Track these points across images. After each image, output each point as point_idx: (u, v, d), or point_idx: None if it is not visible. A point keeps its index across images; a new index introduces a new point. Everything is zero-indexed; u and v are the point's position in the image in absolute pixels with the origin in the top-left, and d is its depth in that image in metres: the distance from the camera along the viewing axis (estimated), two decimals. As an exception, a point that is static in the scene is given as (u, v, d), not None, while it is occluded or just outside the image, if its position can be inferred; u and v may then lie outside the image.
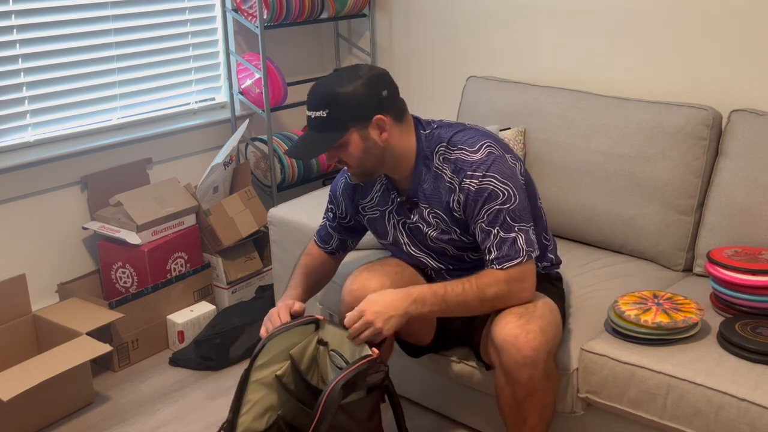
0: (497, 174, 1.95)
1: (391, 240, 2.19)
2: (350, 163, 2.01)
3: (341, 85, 1.93)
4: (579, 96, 2.77)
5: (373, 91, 1.95)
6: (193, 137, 3.38)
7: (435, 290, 1.96)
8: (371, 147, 1.98)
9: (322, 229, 2.33)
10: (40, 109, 2.96)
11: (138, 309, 2.95)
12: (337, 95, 1.92)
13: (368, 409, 1.93)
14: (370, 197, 2.17)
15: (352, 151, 1.97)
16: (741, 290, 2.14)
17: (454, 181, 1.99)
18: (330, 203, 2.29)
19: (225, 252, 3.23)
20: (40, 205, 2.96)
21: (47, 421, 2.61)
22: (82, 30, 3.01)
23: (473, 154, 1.98)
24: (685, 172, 2.51)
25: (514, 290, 1.96)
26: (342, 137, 1.95)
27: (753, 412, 1.85)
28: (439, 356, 2.32)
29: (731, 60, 2.64)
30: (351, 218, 2.25)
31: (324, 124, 1.94)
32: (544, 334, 1.94)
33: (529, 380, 1.94)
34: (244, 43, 3.47)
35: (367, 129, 1.96)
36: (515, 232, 1.95)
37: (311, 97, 1.97)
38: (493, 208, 1.94)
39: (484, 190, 1.95)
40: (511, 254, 1.94)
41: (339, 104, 1.92)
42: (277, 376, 2.02)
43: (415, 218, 2.10)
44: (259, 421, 2.03)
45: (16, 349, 2.74)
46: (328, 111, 1.93)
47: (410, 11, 3.50)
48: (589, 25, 2.95)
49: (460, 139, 2.02)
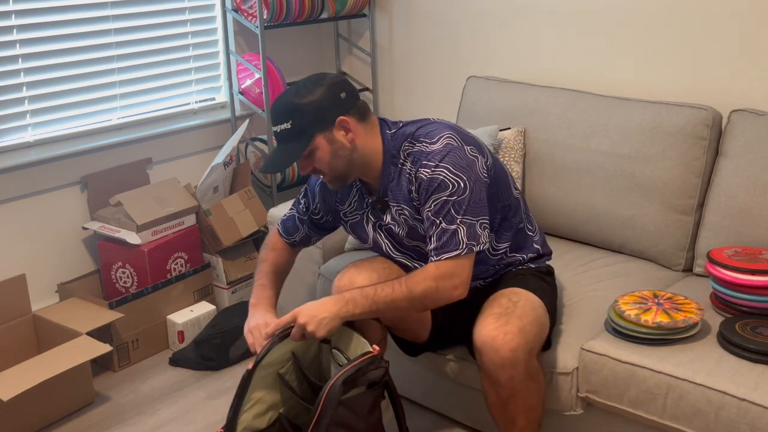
0: (450, 165, 1.95)
1: (371, 243, 2.20)
2: (323, 169, 2.02)
3: (299, 95, 1.96)
4: (579, 96, 2.77)
5: (332, 94, 1.98)
6: (193, 137, 3.39)
7: (366, 292, 1.97)
8: (338, 149, 2.00)
9: (289, 220, 2.31)
10: (40, 109, 2.96)
11: (138, 309, 2.95)
12: (297, 105, 1.95)
13: (369, 403, 1.94)
14: (348, 203, 2.19)
15: (321, 156, 1.99)
16: (741, 290, 2.14)
17: (412, 172, 2.01)
18: (303, 197, 2.29)
19: (225, 252, 3.23)
20: (40, 205, 2.96)
21: (47, 421, 2.61)
22: (82, 30, 3.01)
23: (431, 146, 1.99)
24: (685, 172, 2.51)
25: (443, 287, 1.94)
26: (309, 144, 1.97)
27: (753, 412, 1.85)
28: (437, 355, 2.32)
29: (731, 60, 2.64)
30: (323, 216, 2.25)
31: (290, 135, 1.97)
32: (523, 335, 1.93)
33: (510, 381, 1.94)
34: (244, 43, 3.47)
35: (332, 132, 1.99)
36: (457, 224, 1.94)
37: (273, 112, 1.99)
38: (441, 198, 1.95)
39: (434, 180, 1.95)
40: (449, 246, 1.94)
41: (300, 113, 1.95)
42: (280, 374, 2.03)
43: (387, 219, 2.12)
44: (261, 419, 2.03)
45: (16, 349, 2.74)
46: (291, 122, 1.95)
47: (410, 11, 3.50)
48: (589, 25, 2.95)
49: (422, 132, 2.03)
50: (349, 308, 1.95)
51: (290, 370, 2.04)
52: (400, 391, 2.56)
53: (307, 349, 2.07)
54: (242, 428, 1.99)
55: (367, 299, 1.96)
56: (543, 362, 2.11)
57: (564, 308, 2.32)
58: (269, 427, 2.05)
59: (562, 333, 2.20)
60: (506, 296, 2.04)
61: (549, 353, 2.14)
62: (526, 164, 2.79)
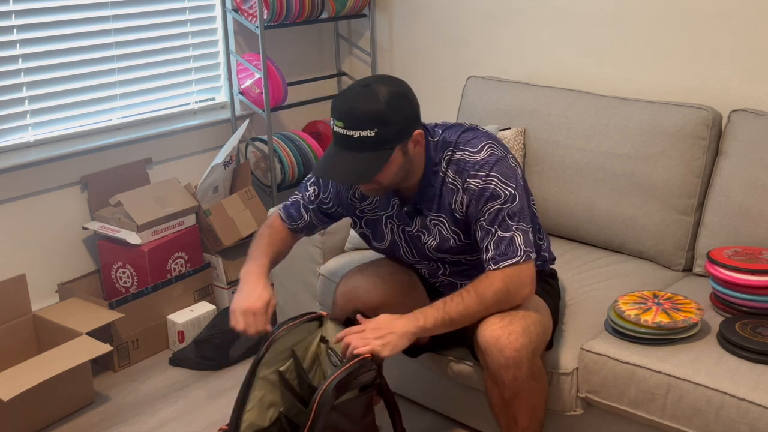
0: (499, 174, 1.95)
1: (387, 244, 2.17)
2: (383, 183, 1.94)
3: (386, 101, 1.86)
4: (579, 96, 2.77)
5: (413, 106, 1.93)
6: (193, 137, 3.38)
7: (435, 305, 1.94)
8: (405, 162, 1.94)
9: (293, 206, 2.21)
10: (40, 109, 2.96)
11: (138, 309, 2.95)
12: (386, 114, 1.85)
13: (362, 407, 1.93)
14: (369, 201, 2.14)
15: (390, 169, 1.91)
16: (741, 290, 2.14)
17: (457, 182, 1.99)
18: (313, 183, 2.18)
19: (225, 252, 3.23)
20: (40, 205, 2.96)
21: (47, 421, 2.61)
22: (82, 30, 3.01)
23: (476, 155, 1.97)
24: (685, 172, 2.51)
25: (513, 288, 1.94)
26: (390, 156, 1.89)
27: (753, 412, 1.85)
28: (438, 355, 2.32)
29: (731, 60, 2.64)
30: (333, 206, 2.18)
31: (370, 144, 1.86)
32: (527, 335, 1.93)
33: (513, 381, 1.94)
34: (244, 43, 3.47)
35: (407, 145, 1.92)
36: (513, 231, 1.94)
37: (352, 115, 1.86)
38: (494, 207, 1.94)
39: (486, 190, 1.94)
40: (508, 253, 1.93)
41: (388, 123, 1.85)
42: (280, 373, 2.03)
43: (416, 228, 2.09)
44: (263, 418, 2.03)
45: (16, 349, 2.74)
46: (377, 131, 1.84)
47: (410, 11, 3.50)
48: (589, 25, 2.95)
49: (463, 140, 2.01)
50: (419, 323, 1.91)
51: (290, 368, 2.04)
52: (400, 391, 2.57)
53: (307, 347, 2.07)
54: (246, 426, 1.99)
55: (438, 311, 1.93)
56: (544, 362, 2.11)
57: (564, 308, 2.32)
58: (271, 426, 2.05)
59: (562, 333, 2.20)
60: None
61: (549, 353, 2.14)
62: (526, 164, 2.79)
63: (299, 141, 3.41)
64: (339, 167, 1.89)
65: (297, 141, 3.40)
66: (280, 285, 2.94)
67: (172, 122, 3.33)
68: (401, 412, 2.06)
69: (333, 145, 1.93)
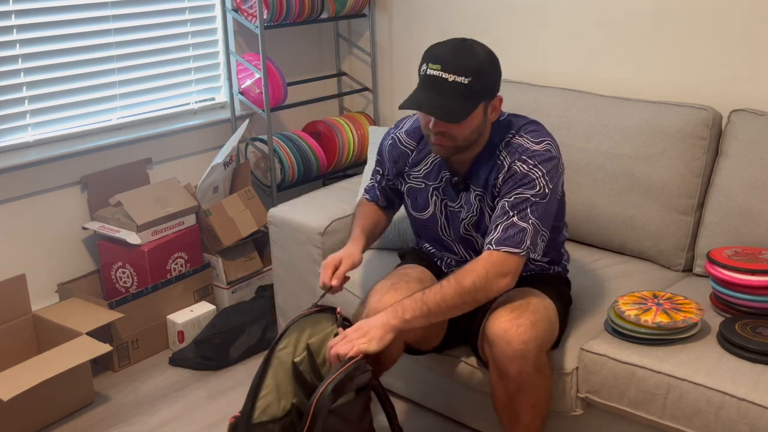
0: (545, 169, 2.00)
1: (428, 215, 2.21)
2: (457, 136, 1.98)
3: (483, 57, 1.94)
4: (579, 96, 2.77)
5: (500, 71, 2.00)
6: (193, 137, 3.38)
7: (414, 296, 1.96)
8: (481, 125, 2.01)
9: (371, 189, 2.36)
10: (40, 109, 2.96)
11: (138, 309, 2.95)
12: (482, 67, 1.93)
13: (359, 409, 1.93)
14: (419, 168, 2.19)
15: (469, 124, 1.96)
16: (741, 290, 2.14)
17: (506, 162, 2.03)
18: (378, 165, 2.31)
19: (225, 252, 3.23)
20: (40, 205, 2.96)
21: (47, 421, 2.61)
22: (82, 30, 3.01)
23: (535, 145, 2.03)
24: (685, 172, 2.51)
25: (492, 276, 1.94)
26: (475, 109, 1.94)
27: (753, 412, 1.85)
28: (440, 355, 2.32)
29: (731, 60, 2.64)
30: (395, 180, 2.27)
31: (460, 91, 1.91)
32: (535, 329, 1.94)
33: (519, 374, 1.94)
34: (244, 43, 3.47)
35: (489, 106, 2.00)
36: (528, 224, 1.97)
37: (451, 60, 1.91)
38: (524, 195, 1.98)
39: (527, 176, 1.99)
40: (513, 241, 1.96)
41: (482, 76, 1.93)
42: (295, 364, 2.02)
43: (459, 203, 2.13)
44: (277, 407, 2.02)
45: (16, 349, 2.74)
46: (471, 80, 1.91)
47: (410, 11, 3.50)
48: (589, 25, 2.95)
49: (528, 129, 2.08)
50: (398, 314, 1.92)
51: (305, 360, 2.04)
52: (400, 391, 2.57)
53: (321, 343, 2.06)
54: (260, 412, 1.97)
55: (416, 302, 1.94)
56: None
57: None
58: (285, 417, 2.03)
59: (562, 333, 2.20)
60: (520, 294, 2.05)
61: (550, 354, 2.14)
62: (526, 164, 2.79)
63: (299, 141, 3.41)
64: (429, 104, 1.94)
65: (297, 141, 3.40)
66: (280, 285, 2.95)
67: (171, 122, 3.33)
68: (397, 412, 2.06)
69: (421, 89, 1.97)
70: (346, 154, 3.53)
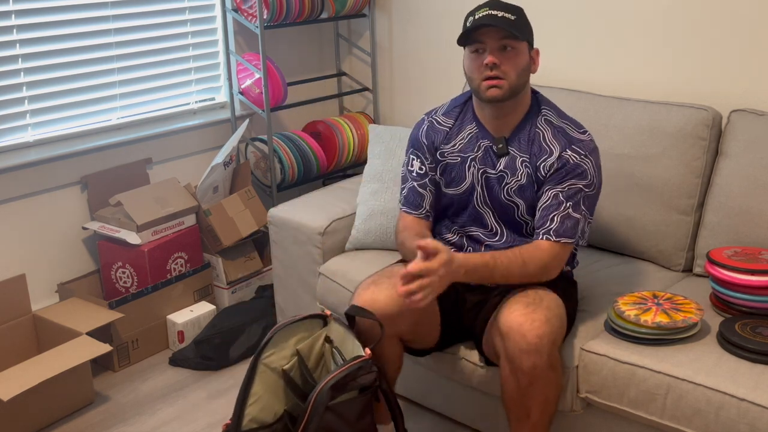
0: (594, 160, 2.12)
1: (464, 188, 2.21)
2: (509, 72, 2.06)
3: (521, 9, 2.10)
4: (579, 96, 2.77)
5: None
6: (193, 137, 3.38)
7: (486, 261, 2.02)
8: (526, 70, 2.10)
9: (410, 194, 2.28)
10: (40, 109, 2.96)
11: (138, 309, 2.95)
12: (522, 11, 2.10)
13: (358, 409, 1.92)
14: (453, 143, 2.23)
15: (517, 61, 2.06)
16: (741, 290, 2.14)
17: (554, 146, 2.10)
18: (415, 157, 2.27)
19: (225, 252, 3.23)
20: (40, 205, 2.96)
21: (47, 421, 2.61)
22: (82, 30, 3.01)
23: (582, 135, 2.14)
24: (685, 172, 2.51)
25: (551, 265, 2.07)
26: (520, 43, 2.06)
27: (753, 412, 1.85)
28: (441, 354, 2.31)
29: (731, 60, 2.64)
30: (435, 165, 2.27)
31: (510, 24, 2.04)
32: (549, 324, 1.96)
33: (533, 368, 1.94)
34: (244, 43, 3.47)
35: (530, 52, 2.12)
36: (581, 214, 2.07)
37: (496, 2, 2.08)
38: (578, 185, 2.07)
39: (579, 167, 2.08)
40: (569, 232, 2.06)
41: (525, 19, 2.10)
42: (284, 371, 2.02)
43: (500, 168, 2.16)
44: (267, 413, 2.02)
45: (16, 349, 2.74)
46: (517, 18, 2.05)
47: (410, 11, 3.50)
48: (588, 25, 2.95)
49: (566, 116, 2.18)
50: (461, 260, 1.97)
51: (295, 367, 2.04)
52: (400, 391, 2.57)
53: (311, 347, 2.07)
54: (248, 420, 1.98)
55: (483, 257, 2.02)
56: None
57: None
58: (275, 423, 2.04)
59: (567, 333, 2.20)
60: (533, 290, 2.06)
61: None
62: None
63: (299, 141, 3.41)
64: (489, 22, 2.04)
65: (297, 141, 3.40)
66: (280, 285, 2.95)
67: (171, 122, 3.33)
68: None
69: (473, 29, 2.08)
70: (346, 154, 3.54)
